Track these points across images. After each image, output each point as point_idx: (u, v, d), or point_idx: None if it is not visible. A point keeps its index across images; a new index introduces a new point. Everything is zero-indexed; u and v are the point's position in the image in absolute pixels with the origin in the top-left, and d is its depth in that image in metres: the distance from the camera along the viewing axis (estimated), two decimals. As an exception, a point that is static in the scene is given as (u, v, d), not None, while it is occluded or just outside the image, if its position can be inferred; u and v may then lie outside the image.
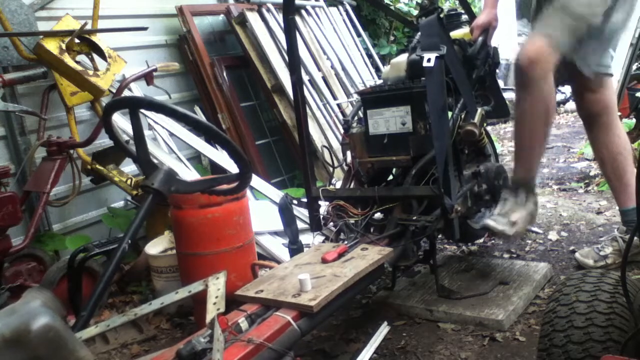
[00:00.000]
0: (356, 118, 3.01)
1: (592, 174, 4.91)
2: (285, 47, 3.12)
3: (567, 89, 9.50)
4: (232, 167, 3.64)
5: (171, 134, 3.94)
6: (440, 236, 3.15)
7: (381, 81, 3.17)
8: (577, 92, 2.97)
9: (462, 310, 2.67)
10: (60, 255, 3.58)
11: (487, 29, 3.00)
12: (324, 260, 2.27)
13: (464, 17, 3.42)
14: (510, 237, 2.67)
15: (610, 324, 1.49)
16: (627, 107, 5.78)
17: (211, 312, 1.63)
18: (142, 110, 2.68)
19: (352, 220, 2.63)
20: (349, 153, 2.93)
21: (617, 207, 3.01)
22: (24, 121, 3.56)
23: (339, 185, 3.00)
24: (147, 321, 3.08)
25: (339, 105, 4.93)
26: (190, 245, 2.73)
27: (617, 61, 5.52)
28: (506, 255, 3.38)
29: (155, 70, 3.81)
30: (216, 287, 1.70)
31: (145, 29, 4.01)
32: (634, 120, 4.83)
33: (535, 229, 3.75)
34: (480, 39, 3.02)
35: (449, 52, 2.52)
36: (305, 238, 3.17)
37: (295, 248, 2.69)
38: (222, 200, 2.64)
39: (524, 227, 2.72)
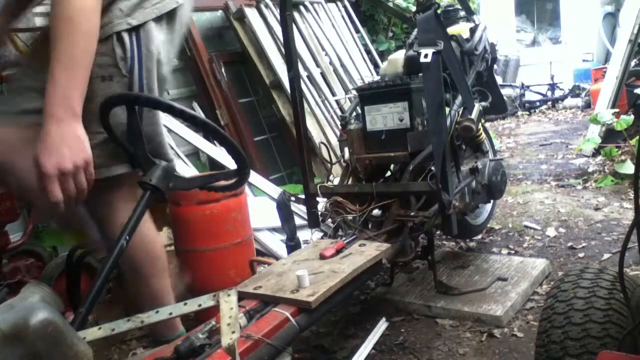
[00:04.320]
0: (354, 114, 3.01)
1: (590, 170, 4.91)
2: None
3: (565, 85, 9.52)
4: (231, 164, 3.64)
5: (169, 130, 3.94)
6: (438, 232, 3.16)
7: (379, 77, 3.18)
8: None
9: (460, 306, 2.67)
10: (58, 252, 3.58)
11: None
12: (322, 257, 2.27)
13: (462, 12, 3.42)
14: None
15: (607, 320, 1.49)
16: (625, 103, 5.78)
17: (226, 335, 1.60)
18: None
19: (350, 217, 2.63)
20: (346, 149, 2.93)
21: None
22: (22, 117, 3.54)
23: (336, 181, 3.00)
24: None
25: (337, 102, 4.92)
26: (189, 241, 2.73)
27: (615, 57, 5.54)
28: (504, 252, 3.39)
29: (154, 66, 3.79)
30: (229, 305, 1.68)
31: (143, 25, 4.00)
32: (632, 116, 4.83)
33: (533, 225, 3.76)
34: (477, 34, 3.02)
35: (446, 47, 2.52)
36: (303, 234, 3.18)
37: (293, 244, 2.69)
38: (221, 197, 2.64)
39: None
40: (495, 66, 3.49)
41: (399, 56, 3.03)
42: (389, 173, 3.01)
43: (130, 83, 2.04)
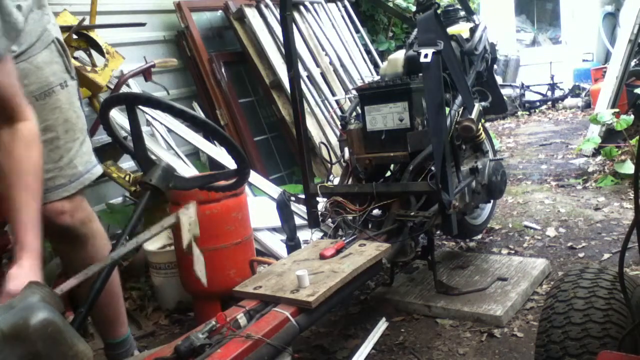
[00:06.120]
0: (354, 114, 3.01)
1: (590, 170, 4.91)
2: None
3: (565, 85, 9.52)
4: (231, 164, 3.64)
5: (169, 130, 3.93)
6: (438, 232, 3.16)
7: (379, 77, 3.18)
8: None
9: (460, 306, 2.67)
10: (58, 252, 3.57)
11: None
12: (322, 257, 2.27)
13: (462, 12, 3.42)
14: None
15: (607, 320, 1.49)
16: (625, 103, 5.78)
17: (186, 237, 1.67)
18: (140, 107, 2.67)
19: (350, 217, 2.63)
20: (346, 149, 2.93)
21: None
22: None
23: (336, 181, 3.00)
24: (146, 317, 3.09)
25: (337, 102, 4.92)
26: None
27: (615, 57, 5.54)
28: (504, 252, 3.39)
29: (154, 66, 3.80)
30: (187, 216, 1.72)
31: (143, 24, 4.00)
32: (632, 116, 4.83)
33: (533, 225, 3.76)
34: (477, 34, 3.02)
35: (446, 47, 2.52)
36: (303, 234, 3.18)
37: (293, 244, 2.69)
38: (221, 197, 2.64)
39: None
40: (495, 66, 3.49)
41: (399, 56, 3.03)
42: (389, 173, 3.01)
43: (77, 85, 2.08)
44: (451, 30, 3.11)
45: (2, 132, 1.56)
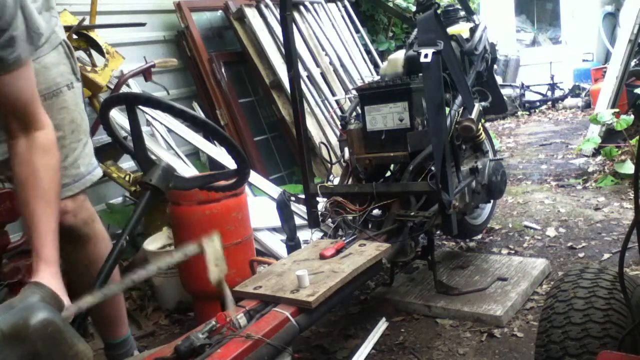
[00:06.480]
0: (354, 114, 3.01)
1: (590, 170, 4.91)
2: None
3: (565, 85, 9.52)
4: (231, 164, 3.64)
5: (169, 130, 3.93)
6: (438, 232, 3.16)
7: (379, 77, 3.18)
8: None
9: (460, 306, 2.67)
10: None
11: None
12: (322, 257, 2.27)
13: (462, 12, 3.42)
14: None
15: (607, 320, 1.49)
16: (625, 103, 5.78)
17: (214, 273, 1.71)
18: (140, 107, 2.67)
19: (350, 217, 2.63)
20: (346, 149, 2.93)
21: None
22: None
23: (336, 181, 3.00)
24: (146, 317, 3.09)
25: (337, 102, 4.92)
26: (189, 241, 2.73)
27: (615, 57, 5.54)
28: (504, 252, 3.39)
29: (154, 66, 3.80)
30: (213, 249, 1.73)
31: (143, 24, 4.00)
32: (632, 116, 4.83)
33: (533, 225, 3.76)
34: (477, 34, 3.02)
35: (446, 47, 2.52)
36: (303, 234, 3.18)
37: (293, 244, 2.69)
38: (221, 197, 2.64)
39: None
40: (495, 66, 3.49)
41: (399, 56, 3.03)
42: (389, 173, 3.01)
43: (82, 86, 2.08)
44: (451, 30, 3.11)
45: (19, 141, 1.57)
